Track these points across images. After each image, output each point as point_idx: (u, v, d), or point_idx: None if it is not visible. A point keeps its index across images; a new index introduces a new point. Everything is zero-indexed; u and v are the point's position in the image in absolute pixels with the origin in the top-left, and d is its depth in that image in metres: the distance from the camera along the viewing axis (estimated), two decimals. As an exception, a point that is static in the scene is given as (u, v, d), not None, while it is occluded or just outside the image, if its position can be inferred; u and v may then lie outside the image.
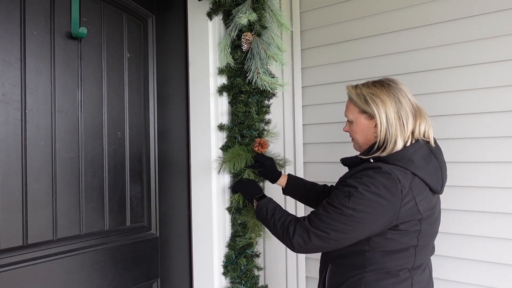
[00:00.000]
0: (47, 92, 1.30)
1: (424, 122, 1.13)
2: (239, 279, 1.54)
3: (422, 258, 1.13)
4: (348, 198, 1.04)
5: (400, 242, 1.07)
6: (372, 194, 1.02)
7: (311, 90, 1.97)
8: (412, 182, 1.04)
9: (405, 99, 1.12)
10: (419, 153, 1.09)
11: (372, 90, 1.14)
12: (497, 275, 1.49)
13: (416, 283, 1.10)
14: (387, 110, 1.10)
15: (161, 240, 1.67)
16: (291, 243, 1.12)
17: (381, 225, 1.04)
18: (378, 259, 1.09)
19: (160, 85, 1.70)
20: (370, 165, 1.08)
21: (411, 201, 1.04)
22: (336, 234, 1.04)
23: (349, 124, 1.23)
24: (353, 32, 1.82)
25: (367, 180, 1.04)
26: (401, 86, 1.14)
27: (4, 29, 1.20)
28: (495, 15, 1.50)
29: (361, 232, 1.04)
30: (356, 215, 1.02)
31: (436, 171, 1.11)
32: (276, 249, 2.00)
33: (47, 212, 1.28)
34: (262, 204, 1.29)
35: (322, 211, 1.08)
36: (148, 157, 1.64)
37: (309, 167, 1.96)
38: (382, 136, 1.11)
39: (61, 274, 1.30)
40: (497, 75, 1.49)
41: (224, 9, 1.53)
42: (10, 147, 1.20)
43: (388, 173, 1.03)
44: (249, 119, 1.49)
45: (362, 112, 1.16)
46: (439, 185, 1.12)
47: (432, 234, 1.15)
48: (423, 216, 1.07)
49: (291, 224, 1.14)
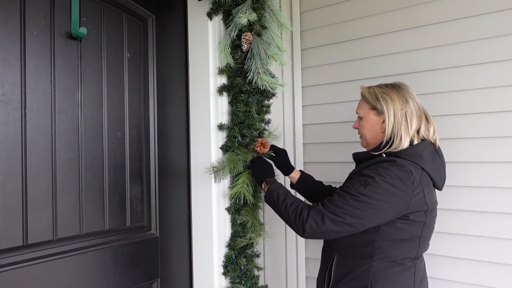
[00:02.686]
0: (47, 92, 1.30)
1: (431, 126, 1.23)
2: (239, 279, 1.54)
3: (423, 249, 1.22)
4: (364, 186, 1.11)
5: (407, 232, 1.15)
6: (388, 184, 1.09)
7: (311, 90, 1.97)
8: (421, 175, 1.14)
9: (412, 101, 1.21)
10: (427, 150, 1.18)
11: (383, 90, 1.24)
12: (495, 274, 1.49)
13: (417, 271, 1.19)
14: (395, 107, 1.20)
15: (161, 240, 1.67)
16: (303, 227, 1.15)
17: (394, 212, 1.11)
18: (386, 248, 1.16)
19: (160, 85, 1.69)
20: (385, 159, 1.17)
21: (420, 193, 1.12)
22: (351, 219, 1.10)
23: (359, 120, 1.31)
24: (353, 32, 1.82)
25: (382, 171, 1.11)
26: (410, 90, 1.24)
27: (4, 29, 1.20)
28: (495, 15, 1.50)
29: (375, 218, 1.11)
30: (372, 202, 1.09)
31: (440, 169, 1.21)
32: (276, 249, 2.00)
33: (47, 212, 1.28)
34: (273, 188, 1.33)
35: (337, 197, 1.14)
36: (148, 157, 1.64)
37: (309, 167, 1.96)
38: (389, 132, 1.20)
39: (61, 274, 1.30)
40: (496, 75, 1.49)
41: (224, 9, 1.53)
42: (10, 147, 1.20)
43: (402, 165, 1.11)
44: (249, 119, 1.49)
45: (372, 109, 1.26)
46: (442, 182, 1.22)
47: (433, 227, 1.24)
48: (429, 208, 1.15)
49: (305, 209, 1.18)
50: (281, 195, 1.28)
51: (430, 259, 1.57)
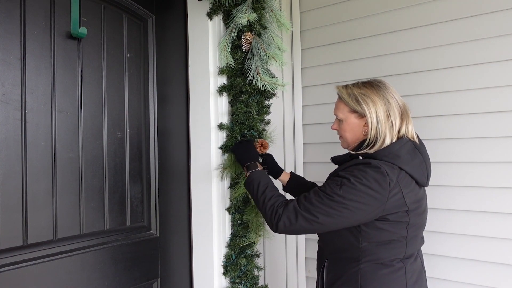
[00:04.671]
0: (47, 92, 1.30)
1: (410, 122, 1.20)
2: (239, 279, 1.54)
3: (412, 248, 1.19)
4: (339, 187, 1.10)
5: (391, 233, 1.13)
6: (363, 186, 1.08)
7: (311, 90, 1.97)
8: (399, 175, 1.11)
9: (393, 100, 1.18)
10: (404, 149, 1.15)
11: (363, 91, 1.20)
12: (495, 275, 1.49)
13: (409, 271, 1.16)
14: (378, 110, 1.16)
15: (161, 240, 1.67)
16: (276, 224, 1.15)
17: (369, 214, 1.09)
18: (372, 250, 1.14)
19: (160, 85, 1.69)
20: (360, 161, 1.15)
21: (398, 193, 1.10)
22: (324, 218, 1.09)
23: (338, 122, 1.28)
24: (353, 32, 1.82)
25: (358, 173, 1.10)
26: (389, 87, 1.21)
27: (4, 29, 1.20)
28: (498, 14, 1.49)
29: (349, 219, 1.10)
30: (346, 202, 1.08)
31: (421, 165, 1.17)
32: (276, 249, 2.00)
33: (47, 212, 1.28)
34: (254, 177, 1.30)
35: (313, 195, 1.14)
36: (148, 157, 1.64)
37: (309, 167, 1.96)
38: (373, 135, 1.17)
39: (61, 274, 1.30)
40: (498, 75, 1.49)
41: (224, 9, 1.53)
42: (10, 147, 1.20)
43: (377, 167, 1.09)
44: (249, 119, 1.49)
45: (352, 112, 1.22)
46: (425, 178, 1.19)
47: (421, 225, 1.21)
48: (410, 208, 1.12)
49: (281, 206, 1.17)
50: (261, 186, 1.26)
51: (430, 259, 1.57)
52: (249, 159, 1.38)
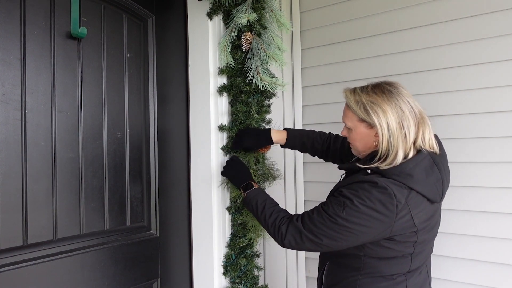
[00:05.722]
0: (47, 92, 1.30)
1: (427, 129, 1.08)
2: (239, 279, 1.54)
3: (418, 262, 1.13)
4: (342, 208, 1.03)
5: (396, 250, 1.08)
6: (367, 208, 1.01)
7: (311, 90, 1.97)
8: (408, 196, 1.03)
9: (407, 107, 1.06)
10: (420, 166, 1.05)
11: (372, 98, 1.08)
12: (497, 275, 1.49)
13: (411, 285, 1.11)
14: (389, 120, 1.05)
15: (161, 240, 1.67)
16: (282, 242, 1.14)
17: (375, 236, 1.05)
18: (373, 264, 1.10)
19: (160, 85, 1.69)
20: (367, 178, 1.05)
21: (407, 215, 1.03)
22: (328, 241, 1.06)
23: (348, 130, 1.18)
24: (353, 32, 1.82)
25: (362, 193, 1.03)
26: (402, 91, 1.09)
27: (4, 29, 1.20)
28: (501, 14, 1.49)
29: (353, 241, 1.06)
30: (350, 226, 1.03)
31: (437, 183, 1.08)
32: (276, 249, 2.00)
33: (47, 212, 1.28)
34: (250, 197, 1.30)
35: (316, 216, 1.09)
36: (148, 157, 1.64)
37: (309, 167, 1.96)
38: (384, 147, 1.06)
39: (61, 274, 1.30)
40: (502, 74, 1.49)
41: (224, 9, 1.52)
42: (10, 147, 1.20)
43: (384, 187, 1.01)
44: (249, 119, 1.49)
45: (361, 121, 1.11)
46: (439, 196, 1.10)
47: (430, 239, 1.15)
48: (419, 228, 1.06)
49: (283, 223, 1.14)
50: (259, 204, 1.24)
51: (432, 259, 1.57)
52: (242, 181, 1.37)
